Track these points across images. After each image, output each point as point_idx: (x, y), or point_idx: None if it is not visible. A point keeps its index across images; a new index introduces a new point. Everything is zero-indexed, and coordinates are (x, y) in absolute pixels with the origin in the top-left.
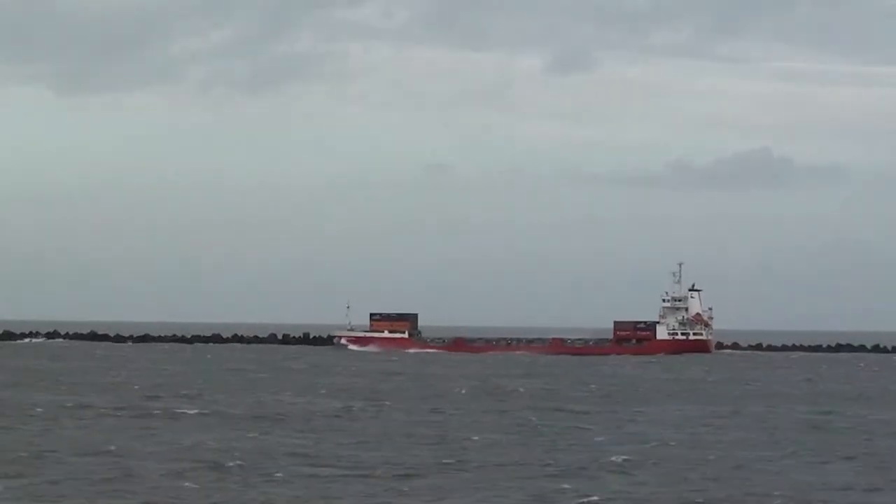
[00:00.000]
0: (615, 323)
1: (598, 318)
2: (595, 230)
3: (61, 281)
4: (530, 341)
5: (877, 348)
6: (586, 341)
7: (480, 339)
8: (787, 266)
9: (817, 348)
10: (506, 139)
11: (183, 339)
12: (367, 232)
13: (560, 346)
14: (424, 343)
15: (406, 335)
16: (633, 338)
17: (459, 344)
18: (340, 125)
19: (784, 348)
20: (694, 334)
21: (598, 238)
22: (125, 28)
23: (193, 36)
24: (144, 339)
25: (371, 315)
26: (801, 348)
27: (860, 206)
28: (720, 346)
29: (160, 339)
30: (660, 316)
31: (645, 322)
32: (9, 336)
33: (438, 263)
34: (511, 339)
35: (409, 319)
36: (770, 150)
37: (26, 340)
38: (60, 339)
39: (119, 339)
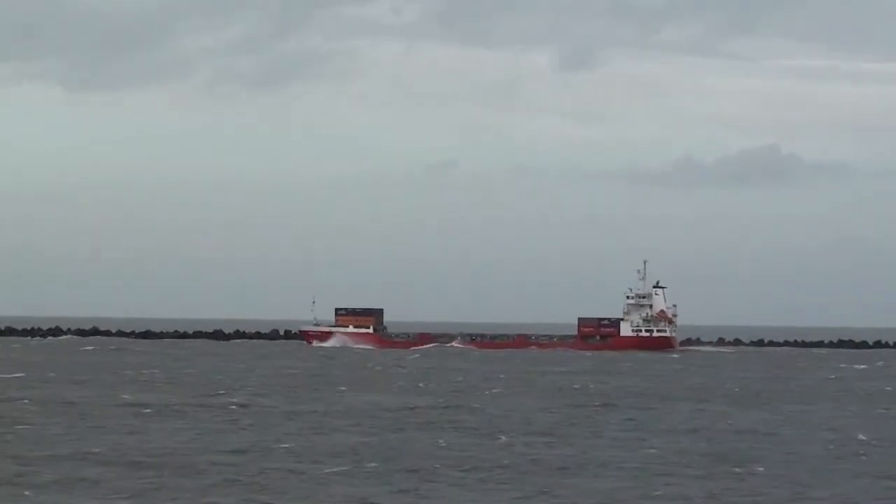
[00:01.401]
0: (579, 319)
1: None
2: (598, 228)
3: (61, 278)
4: (494, 337)
5: (878, 344)
6: (551, 337)
7: (445, 335)
8: (789, 264)
9: (819, 344)
10: (511, 137)
11: (185, 335)
12: (369, 230)
13: (524, 342)
14: (390, 339)
15: (371, 330)
16: (596, 334)
17: (424, 339)
18: (346, 122)
19: (786, 344)
20: (658, 331)
21: (601, 236)
22: (134, 26)
23: (202, 34)
24: (147, 335)
25: (336, 310)
26: (804, 345)
27: (866, 204)
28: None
29: (162, 335)
30: (624, 313)
31: (609, 319)
32: (10, 332)
33: (439, 261)
34: (475, 335)
35: (375, 315)
36: (777, 148)
37: (33, 339)
38: (66, 336)
39: (122, 334)
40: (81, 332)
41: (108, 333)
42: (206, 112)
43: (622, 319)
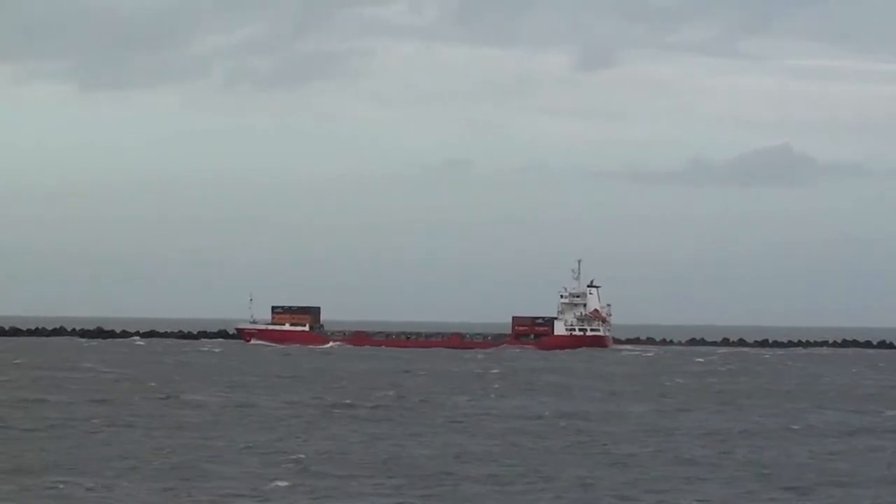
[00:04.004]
0: (514, 318)
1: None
2: (608, 227)
3: (64, 278)
4: (429, 336)
5: (882, 344)
6: (485, 336)
7: (380, 333)
8: (798, 263)
9: (823, 344)
10: (523, 136)
11: (189, 336)
12: (374, 228)
13: (458, 342)
14: (326, 337)
15: (307, 328)
16: (531, 333)
17: (360, 338)
18: (358, 121)
19: (790, 344)
20: (591, 330)
21: (609, 235)
22: (149, 25)
23: (219, 34)
24: (151, 334)
25: (273, 308)
26: (807, 345)
27: (877, 203)
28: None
29: (167, 334)
30: (558, 311)
31: (543, 318)
32: (16, 332)
33: (447, 259)
34: (410, 334)
35: (311, 313)
36: (789, 147)
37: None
38: (70, 337)
39: (126, 334)
40: (85, 333)
41: (112, 334)
42: (219, 112)
43: (556, 318)
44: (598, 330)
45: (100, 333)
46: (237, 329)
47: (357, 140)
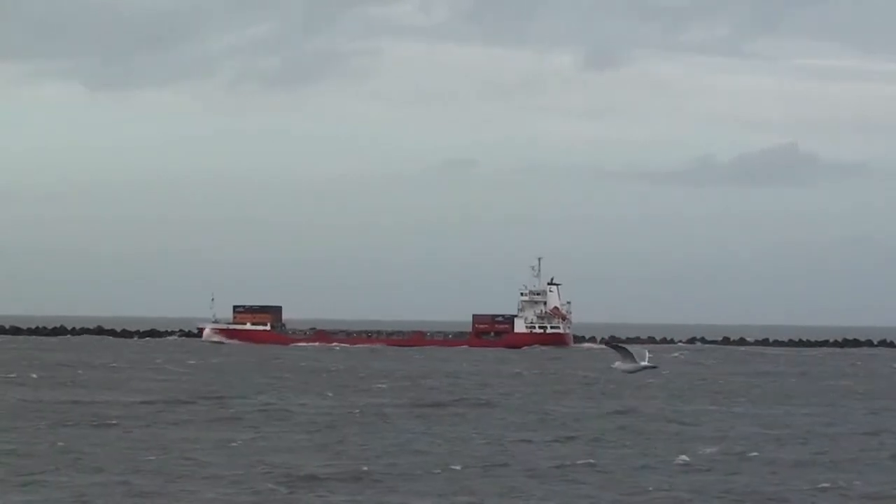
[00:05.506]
0: (474, 316)
1: (603, 314)
2: (609, 227)
3: (60, 277)
4: (390, 334)
5: (883, 343)
6: (445, 334)
7: (341, 331)
8: (794, 263)
9: (824, 343)
10: (529, 136)
11: (190, 334)
12: (374, 228)
13: (420, 339)
14: (288, 335)
15: (268, 327)
16: (491, 331)
17: (321, 336)
18: (360, 122)
19: (791, 344)
20: (551, 328)
21: (610, 234)
22: (153, 25)
23: (228, 33)
24: (151, 334)
25: (234, 307)
26: (808, 344)
27: (878, 203)
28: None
29: (167, 333)
30: (518, 309)
31: (503, 315)
32: (15, 331)
33: (453, 259)
34: (371, 332)
35: (272, 312)
36: (795, 147)
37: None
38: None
39: (126, 334)
40: (86, 332)
41: (112, 333)
42: (220, 112)
43: (516, 316)
44: (559, 328)
45: (100, 333)
46: (198, 328)
47: (357, 140)
